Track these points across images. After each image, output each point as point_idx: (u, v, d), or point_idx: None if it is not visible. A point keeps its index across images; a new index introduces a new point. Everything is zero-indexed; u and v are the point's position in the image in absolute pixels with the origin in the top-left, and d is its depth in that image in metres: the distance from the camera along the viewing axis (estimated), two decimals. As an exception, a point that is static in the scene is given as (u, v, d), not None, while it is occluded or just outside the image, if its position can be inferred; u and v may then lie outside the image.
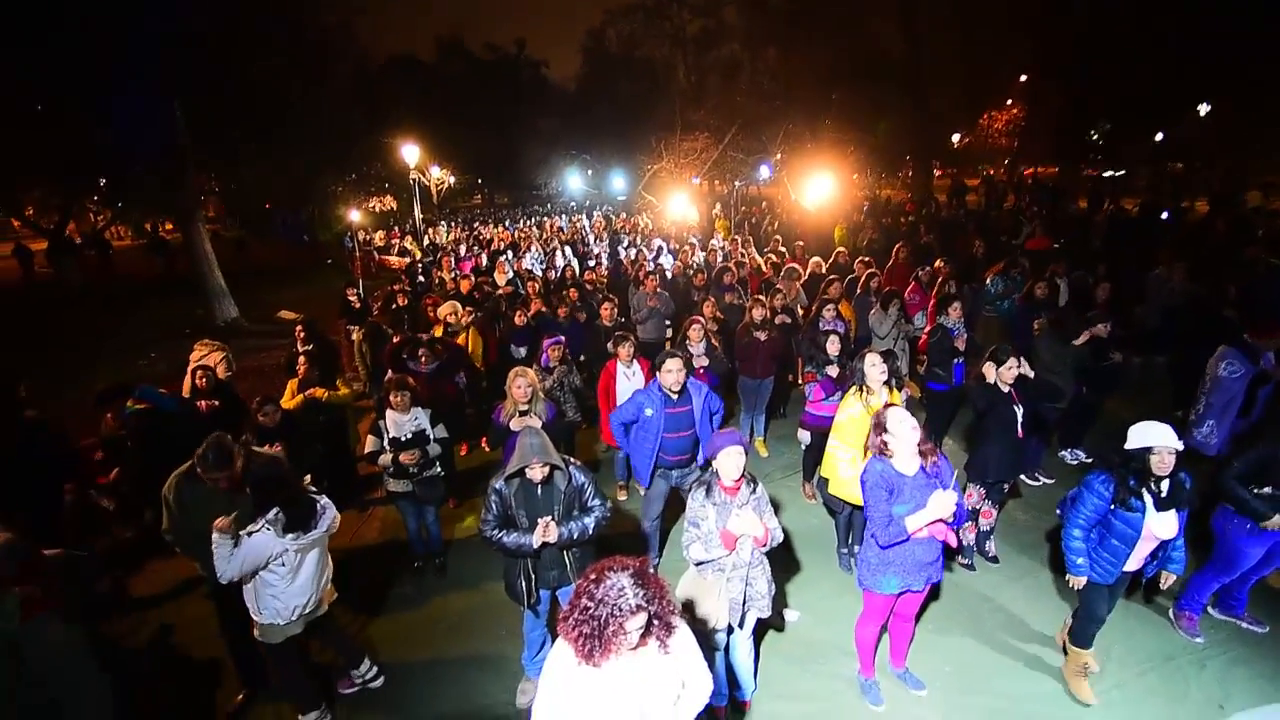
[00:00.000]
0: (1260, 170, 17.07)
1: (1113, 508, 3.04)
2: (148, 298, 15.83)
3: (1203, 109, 18.77)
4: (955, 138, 27.49)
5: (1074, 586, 3.23)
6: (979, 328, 7.32)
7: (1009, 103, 26.13)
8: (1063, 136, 21.26)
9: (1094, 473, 3.14)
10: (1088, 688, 3.30)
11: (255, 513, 2.94)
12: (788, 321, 6.43)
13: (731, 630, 3.06)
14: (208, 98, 11.82)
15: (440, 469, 4.39)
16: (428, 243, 17.67)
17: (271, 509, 2.94)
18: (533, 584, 3.17)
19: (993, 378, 4.08)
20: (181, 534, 3.27)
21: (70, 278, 15.02)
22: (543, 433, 3.11)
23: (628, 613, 1.85)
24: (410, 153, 17.41)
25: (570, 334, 6.18)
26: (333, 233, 20.19)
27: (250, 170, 15.17)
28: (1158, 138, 21.22)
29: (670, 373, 4.06)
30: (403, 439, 4.16)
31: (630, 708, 1.97)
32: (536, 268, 11.20)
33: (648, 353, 5.25)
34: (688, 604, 2.96)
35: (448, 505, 5.25)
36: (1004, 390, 4.06)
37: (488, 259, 12.16)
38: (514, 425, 3.98)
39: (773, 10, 23.44)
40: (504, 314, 7.16)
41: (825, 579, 4.39)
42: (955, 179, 23.38)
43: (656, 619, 1.93)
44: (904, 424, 2.90)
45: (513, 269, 10.34)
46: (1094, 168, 24.61)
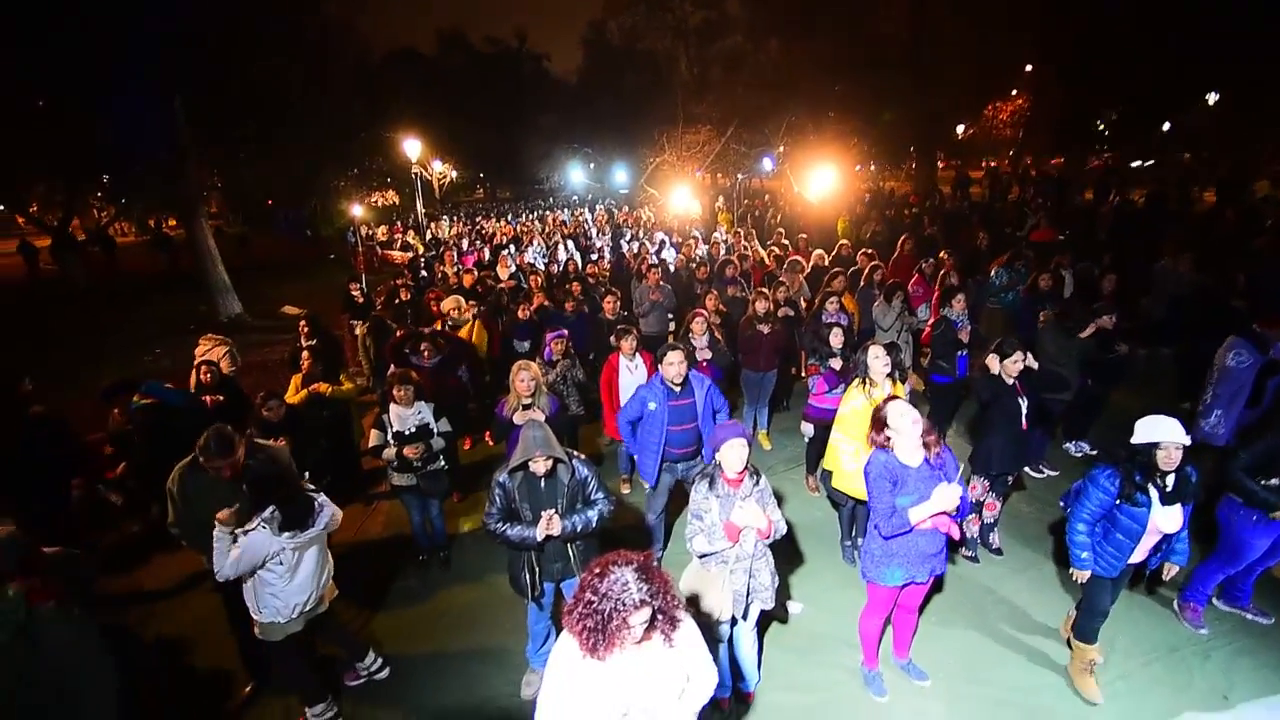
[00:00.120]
0: (1270, 159, 16.87)
1: (1118, 502, 3.02)
2: (152, 294, 15.88)
3: (1211, 98, 18.56)
4: (959, 129, 27.30)
5: (1078, 580, 3.22)
6: (983, 320, 7.29)
7: (1014, 93, 25.89)
8: (1068, 127, 21.06)
9: (1099, 467, 3.12)
10: (1094, 685, 3.29)
11: (251, 511, 2.93)
12: (791, 314, 6.42)
13: (735, 622, 3.06)
14: (209, 94, 11.81)
15: (444, 462, 4.40)
16: (430, 237, 17.66)
17: (267, 507, 2.92)
18: (536, 577, 3.19)
19: (997, 369, 4.07)
20: (187, 526, 3.28)
21: (75, 274, 15.06)
22: (546, 426, 3.11)
23: (631, 608, 1.86)
24: (412, 147, 17.38)
25: (573, 327, 6.17)
26: (335, 228, 20.19)
27: (251, 166, 15.18)
28: (1165, 127, 21.03)
29: (672, 365, 4.05)
30: (406, 433, 4.17)
31: (634, 701, 1.98)
32: (539, 262, 11.19)
33: (650, 346, 5.25)
34: (692, 596, 2.97)
35: (452, 499, 5.27)
36: (1008, 382, 4.04)
37: (490, 253, 12.15)
38: (517, 419, 3.99)
39: (775, 1, 23.24)
40: (506, 308, 7.16)
41: (828, 571, 4.39)
42: (959, 170, 23.20)
43: (661, 613, 1.94)
44: (905, 418, 2.89)
45: (515, 263, 10.33)
46: (1100, 159, 24.40)
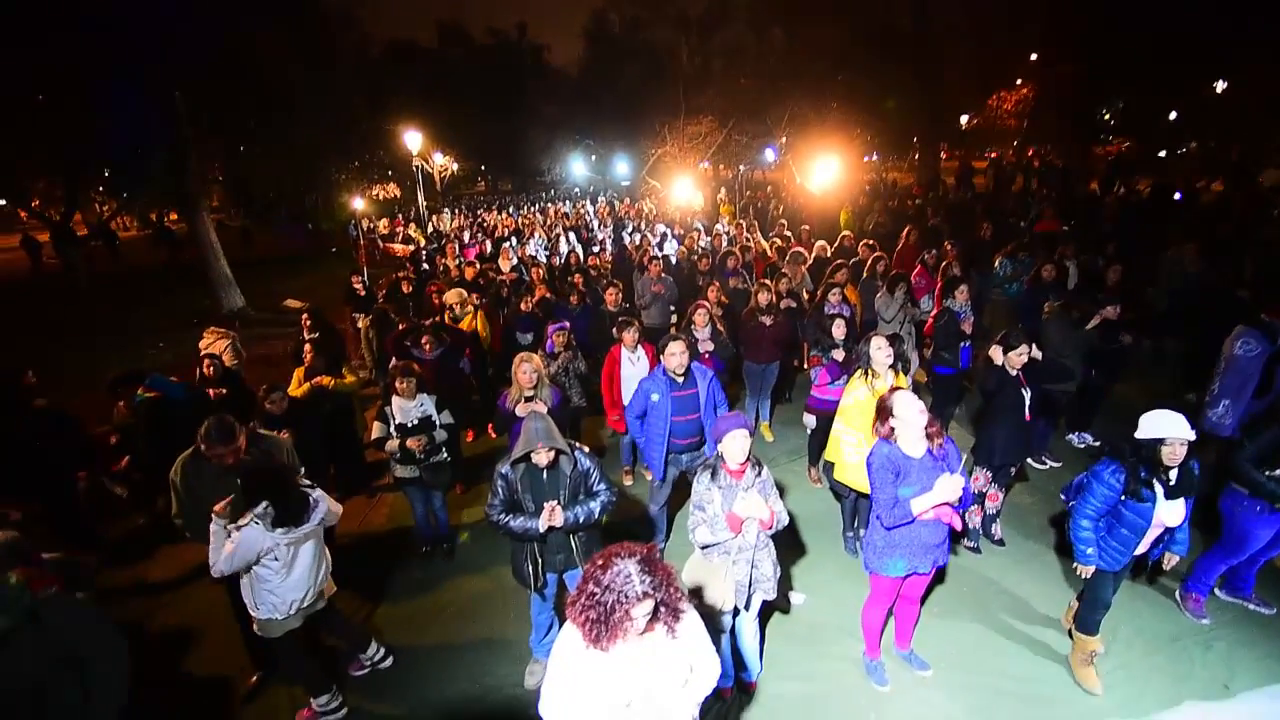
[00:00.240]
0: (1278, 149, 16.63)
1: (1123, 498, 3.01)
2: (154, 288, 15.91)
3: (1219, 85, 18.33)
4: (963, 119, 27.07)
5: (1083, 575, 3.21)
6: (987, 311, 7.27)
7: (1018, 82, 25.65)
8: (1073, 115, 20.86)
9: (1102, 462, 3.10)
10: (1094, 676, 3.30)
11: (244, 506, 2.91)
12: (793, 306, 6.39)
13: (737, 612, 3.07)
14: (209, 87, 11.76)
15: (447, 454, 4.40)
16: (432, 230, 17.63)
17: (260, 503, 2.91)
18: (539, 568, 3.20)
19: (1000, 361, 4.05)
20: (190, 518, 3.30)
21: (77, 268, 15.06)
22: (548, 417, 3.11)
23: (634, 600, 1.86)
24: (413, 139, 17.33)
25: (575, 319, 6.17)
26: (336, 221, 20.14)
27: (252, 159, 15.13)
28: (1171, 116, 20.81)
29: (674, 355, 4.05)
30: (409, 425, 4.17)
31: (637, 691, 1.99)
32: (540, 254, 11.18)
33: (652, 338, 5.22)
34: (694, 587, 2.97)
35: (455, 491, 5.29)
36: (1012, 373, 4.03)
37: (492, 246, 12.13)
38: (519, 411, 3.99)
39: (778, -10, 23.03)
40: (507, 300, 7.15)
41: (831, 562, 4.40)
42: (963, 161, 23.04)
43: (663, 605, 1.94)
44: (910, 408, 2.89)
45: (517, 255, 10.31)
46: (1105, 148, 24.18)
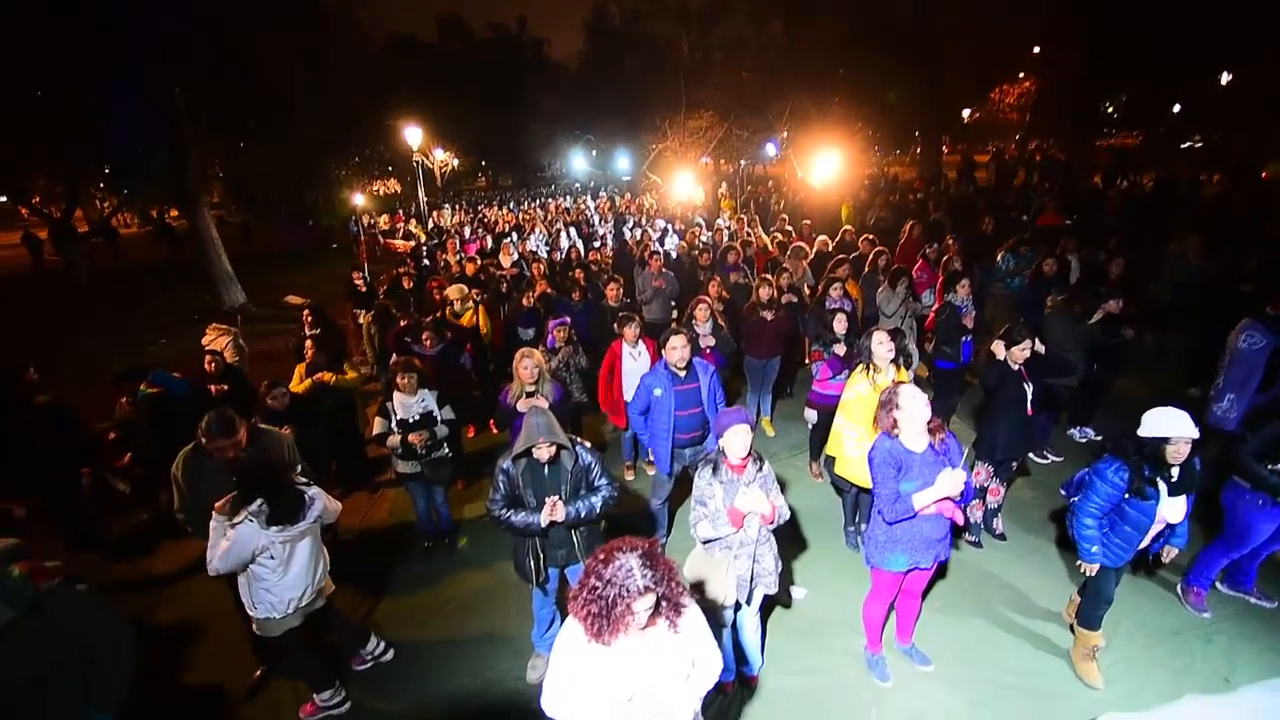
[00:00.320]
0: None
1: (1126, 496, 3.00)
2: (156, 284, 15.91)
3: (1225, 78, 18.17)
4: (965, 113, 26.96)
5: (1088, 574, 3.20)
6: (989, 305, 7.26)
7: (1021, 76, 25.52)
8: (1076, 109, 20.74)
9: (1105, 460, 3.08)
10: (1095, 670, 3.30)
11: (239, 504, 2.90)
12: (794, 301, 6.38)
13: (739, 607, 3.08)
14: (209, 83, 11.72)
15: (448, 450, 4.40)
16: (432, 226, 17.62)
17: (254, 500, 2.89)
18: (541, 562, 3.21)
19: (1003, 355, 4.04)
20: (192, 512, 3.31)
21: (78, 265, 15.06)
22: (549, 412, 3.11)
23: (635, 594, 1.86)
24: (413, 135, 17.28)
25: (576, 315, 6.16)
26: (337, 217, 20.11)
27: (252, 156, 15.09)
28: (1175, 109, 20.68)
29: (675, 349, 4.04)
30: (410, 420, 4.17)
31: (639, 685, 1.99)
32: (541, 249, 11.16)
33: (653, 333, 5.22)
34: (696, 582, 2.98)
35: (456, 486, 5.29)
36: (1014, 368, 4.02)
37: (492, 241, 12.12)
38: (521, 406, 3.98)
39: (779, -18, 22.88)
40: (508, 295, 7.14)
41: (832, 556, 4.41)
42: (965, 155, 22.94)
43: (665, 600, 1.94)
44: (915, 401, 2.88)
45: (517, 251, 10.30)
46: (1109, 141, 24.05)
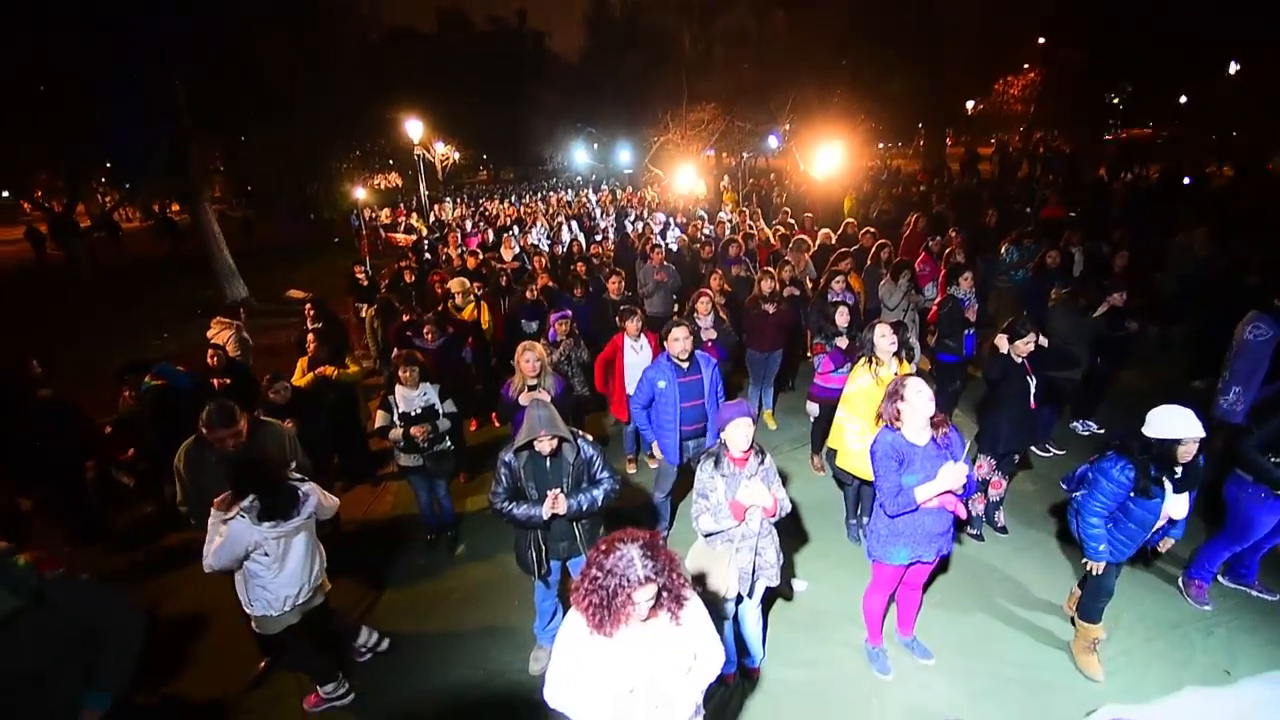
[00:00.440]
0: None
1: (1132, 495, 2.99)
2: (158, 278, 15.93)
3: (1233, 68, 17.99)
4: (969, 105, 26.76)
5: (1094, 572, 3.18)
6: (993, 298, 7.23)
7: (1025, 67, 25.31)
8: (1081, 100, 20.58)
9: (1109, 459, 3.06)
10: (1096, 663, 3.31)
11: (231, 500, 2.88)
12: (796, 294, 6.37)
13: (741, 599, 3.09)
14: (209, 77, 11.69)
15: (450, 443, 4.41)
16: (433, 219, 17.59)
17: (246, 496, 2.86)
18: (543, 555, 3.21)
19: (1006, 349, 4.03)
20: (195, 504, 3.32)
21: (80, 260, 15.07)
22: (550, 405, 3.11)
23: (636, 584, 1.87)
24: (414, 128, 17.23)
25: (578, 308, 6.16)
26: (338, 211, 20.10)
27: (253, 150, 15.08)
28: (1182, 100, 20.52)
29: (677, 340, 4.04)
30: (412, 414, 4.18)
31: (641, 676, 1.99)
32: (543, 243, 11.15)
33: (655, 327, 5.21)
34: (698, 574, 2.99)
35: (459, 479, 5.31)
36: (1017, 361, 4.01)
37: (494, 235, 12.10)
38: (523, 400, 3.99)
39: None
40: (508, 289, 7.14)
41: (833, 549, 4.41)
42: (968, 147, 22.81)
43: (666, 590, 1.94)
44: (921, 394, 2.87)
45: (519, 244, 10.28)
46: (1117, 133, 23.87)
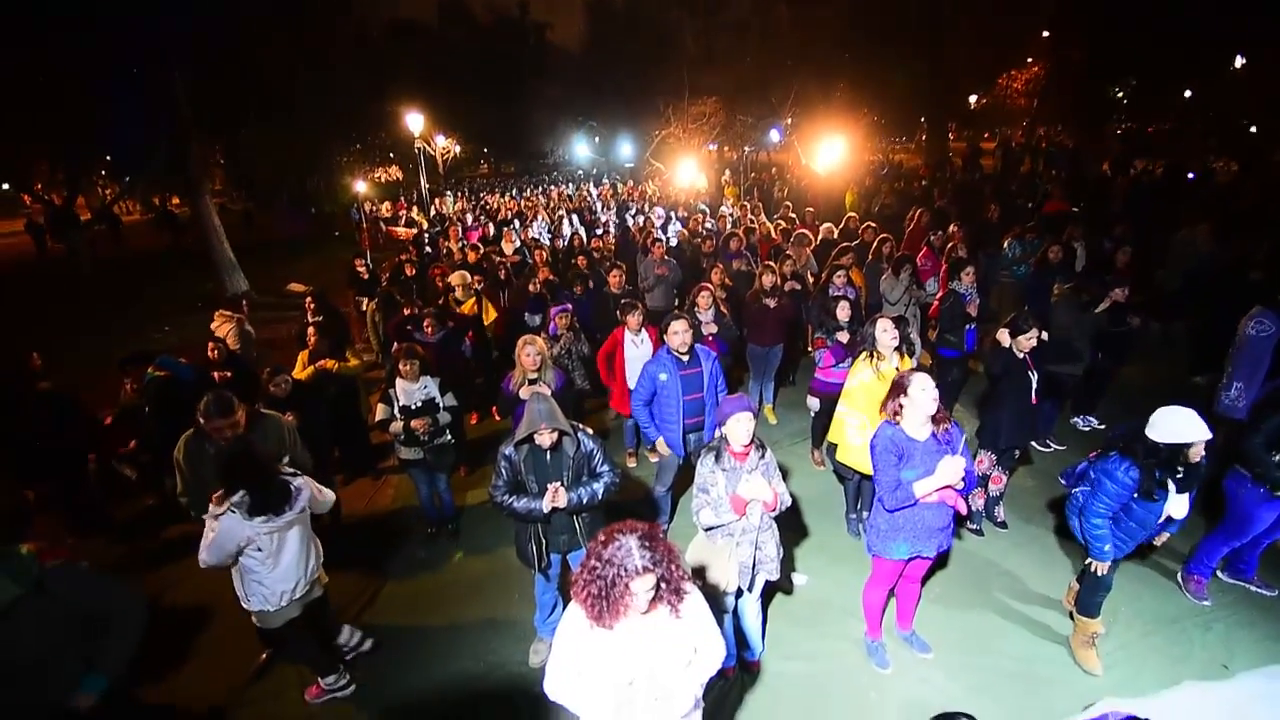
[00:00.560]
0: None
1: (1135, 496, 2.99)
2: (158, 272, 15.91)
3: (1239, 61, 17.85)
4: (972, 99, 26.65)
5: (1099, 572, 3.16)
6: (995, 293, 7.22)
7: (1029, 61, 25.16)
8: (1085, 95, 20.44)
9: (1113, 460, 3.04)
10: (1095, 657, 3.32)
11: (222, 495, 2.88)
12: (797, 288, 6.35)
13: (740, 593, 3.09)
14: (209, 75, 11.65)
15: (450, 437, 4.41)
16: (434, 213, 17.55)
17: (237, 491, 2.85)
18: (543, 548, 3.22)
19: (1008, 344, 4.02)
20: (195, 496, 3.34)
21: (80, 252, 15.04)
22: (550, 399, 3.11)
23: (633, 573, 1.87)
24: (414, 121, 17.16)
25: (578, 302, 6.15)
26: (339, 204, 20.04)
27: (253, 143, 15.04)
28: (1187, 94, 20.39)
29: (677, 334, 4.04)
30: (413, 407, 4.18)
31: (641, 669, 2.00)
32: (544, 236, 11.13)
33: (656, 321, 5.20)
34: (698, 568, 2.99)
35: (459, 473, 5.32)
36: (1019, 356, 4.00)
37: (494, 228, 12.08)
38: (523, 394, 3.97)
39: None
40: (506, 282, 7.13)
41: (833, 544, 4.42)
42: (971, 142, 22.70)
43: (665, 582, 1.95)
44: (925, 392, 2.86)
45: (519, 238, 10.27)
46: (1119, 128, 23.75)
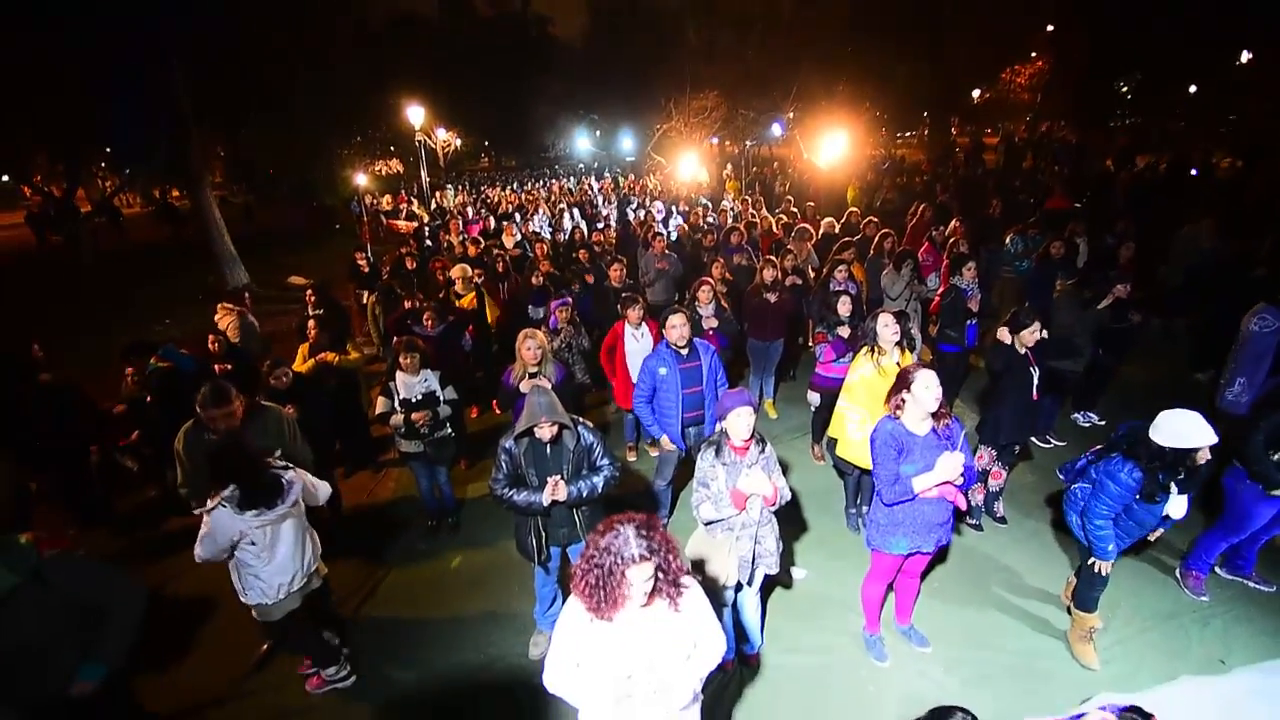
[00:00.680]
0: None
1: (1137, 498, 3.00)
2: (159, 264, 15.90)
3: (1245, 56, 17.72)
4: (975, 94, 26.52)
5: (1103, 572, 3.17)
6: (997, 289, 7.21)
7: (1033, 55, 25.01)
8: (1089, 89, 20.31)
9: (1116, 461, 3.04)
10: (1092, 652, 3.33)
11: (213, 489, 2.87)
12: (798, 283, 6.34)
13: (740, 587, 3.11)
14: (209, 75, 11.60)
15: (451, 430, 4.42)
16: (435, 206, 17.52)
17: (227, 485, 2.84)
18: (543, 541, 3.23)
19: (1009, 341, 4.01)
20: (195, 487, 3.35)
21: (81, 242, 15.01)
22: (551, 392, 3.11)
23: (630, 561, 1.88)
24: (415, 115, 17.10)
25: (579, 297, 6.14)
26: (339, 197, 19.99)
27: (252, 140, 15.00)
28: (1191, 89, 20.27)
29: (675, 327, 4.04)
30: (413, 400, 4.19)
31: (640, 662, 2.01)
32: (544, 230, 11.11)
33: (657, 315, 5.20)
34: (698, 562, 3.00)
35: (459, 466, 5.33)
36: (1021, 352, 4.00)
37: (495, 222, 12.06)
38: (523, 387, 3.98)
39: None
40: (504, 275, 7.12)
41: (833, 538, 4.43)
42: (974, 137, 22.61)
43: (662, 571, 1.95)
44: (929, 391, 2.85)
45: (520, 232, 10.25)
46: (1124, 123, 23.63)
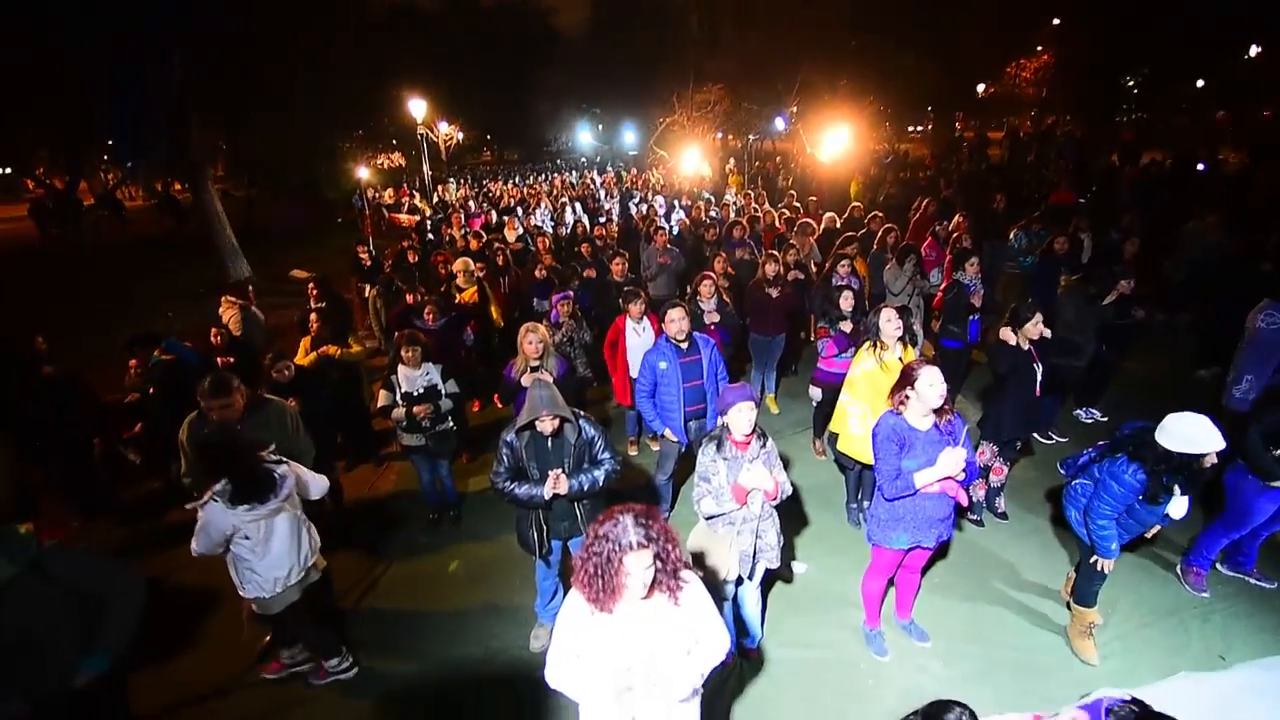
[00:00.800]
0: None
1: (1140, 499, 2.99)
2: (162, 257, 15.90)
3: (1253, 50, 17.55)
4: (980, 88, 26.33)
5: (1106, 570, 3.16)
6: (1001, 284, 7.19)
7: (1039, 49, 24.82)
8: (1094, 84, 20.15)
9: (1120, 462, 3.03)
10: (1091, 647, 3.33)
11: (205, 483, 2.87)
12: (800, 277, 6.33)
13: (741, 581, 3.11)
14: (208, 75, 11.56)
15: (452, 423, 4.43)
16: (437, 200, 17.49)
17: (220, 480, 2.83)
18: (544, 535, 3.24)
19: (1013, 340, 4.00)
20: (198, 478, 3.35)
21: (84, 234, 15.01)
22: (552, 385, 3.11)
23: (628, 548, 1.88)
24: (417, 108, 17.05)
25: (580, 290, 6.14)
26: (341, 191, 19.95)
27: (253, 134, 14.94)
28: (1199, 84, 20.11)
29: (674, 321, 4.04)
30: (415, 393, 4.19)
31: (640, 655, 2.01)
32: (546, 224, 11.09)
33: (658, 309, 5.19)
34: (698, 556, 3.01)
35: (461, 460, 5.34)
36: (1024, 348, 3.99)
37: (497, 216, 12.04)
38: (525, 381, 3.99)
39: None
40: (505, 268, 7.12)
41: (833, 533, 4.44)
42: (978, 131, 22.48)
43: (661, 560, 1.95)
44: (933, 388, 2.84)
45: (522, 225, 10.23)
46: (1128, 117, 23.47)
